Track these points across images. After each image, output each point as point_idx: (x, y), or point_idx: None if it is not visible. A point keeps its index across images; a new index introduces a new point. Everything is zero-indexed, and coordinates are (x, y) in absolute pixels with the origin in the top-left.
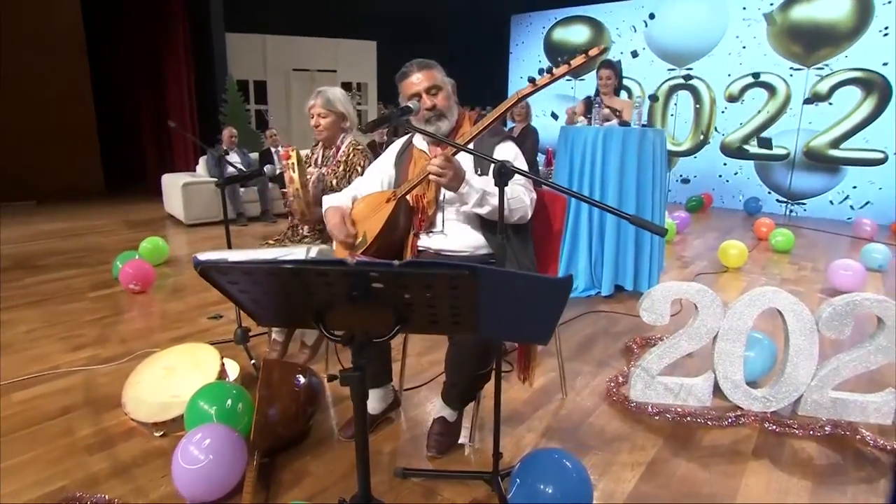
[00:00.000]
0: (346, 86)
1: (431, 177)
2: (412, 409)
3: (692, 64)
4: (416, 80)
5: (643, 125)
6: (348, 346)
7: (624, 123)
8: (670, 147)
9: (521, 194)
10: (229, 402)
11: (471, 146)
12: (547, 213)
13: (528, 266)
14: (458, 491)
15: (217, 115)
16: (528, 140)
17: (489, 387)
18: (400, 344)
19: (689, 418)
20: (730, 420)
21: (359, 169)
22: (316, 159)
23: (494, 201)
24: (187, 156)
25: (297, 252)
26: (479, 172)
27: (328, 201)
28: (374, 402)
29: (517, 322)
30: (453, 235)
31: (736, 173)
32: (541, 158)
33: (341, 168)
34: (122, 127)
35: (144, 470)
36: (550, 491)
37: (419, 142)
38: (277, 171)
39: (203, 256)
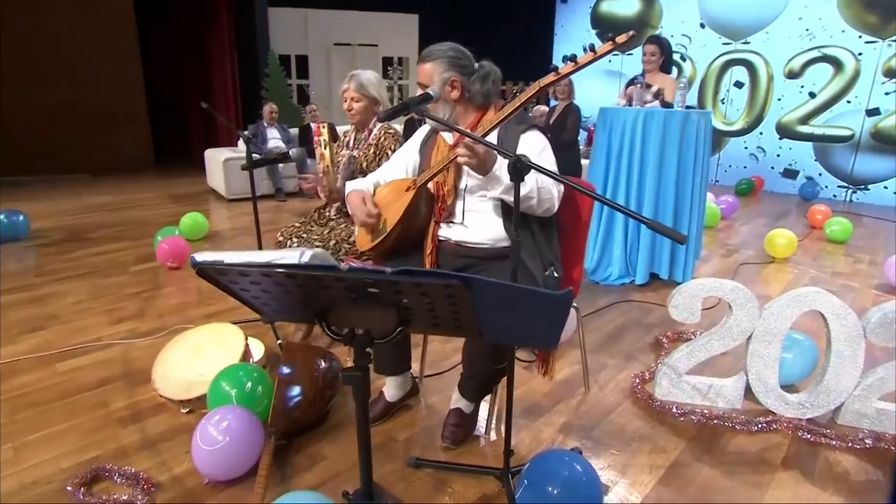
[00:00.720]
0: (388, 60)
1: (460, 159)
2: (431, 396)
3: (750, 37)
4: (418, 72)
5: (688, 107)
6: (350, 346)
7: (667, 105)
8: (720, 126)
9: (549, 185)
10: (249, 384)
11: (494, 134)
12: (576, 205)
13: (551, 261)
14: (468, 484)
15: (259, 90)
16: (569, 118)
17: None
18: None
19: (716, 421)
20: (760, 425)
21: (389, 152)
22: (348, 142)
23: (524, 190)
24: (230, 131)
25: (291, 255)
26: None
27: (350, 186)
28: (392, 389)
29: (521, 329)
30: (473, 227)
31: (794, 162)
32: (582, 137)
33: (371, 151)
34: (170, 102)
35: (170, 445)
36: (558, 493)
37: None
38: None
39: (200, 257)
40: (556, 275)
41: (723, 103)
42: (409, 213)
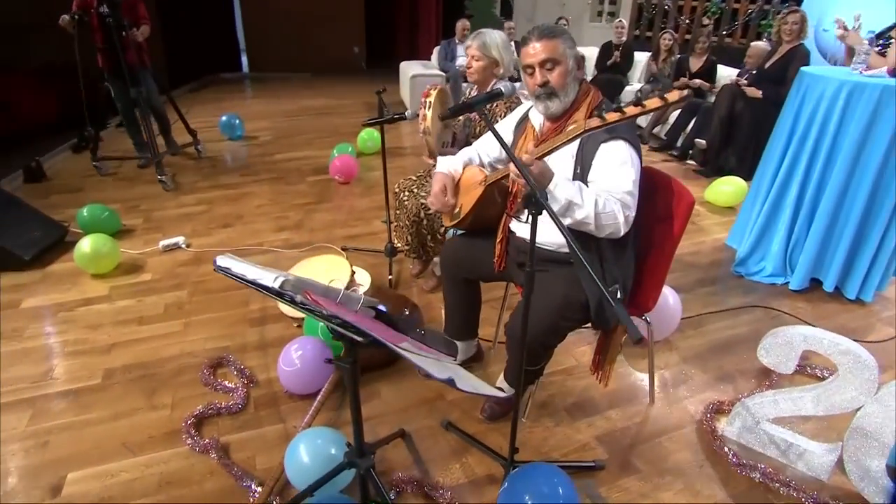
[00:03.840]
0: None
1: (512, 175)
2: (495, 364)
3: None
4: (533, 50)
5: None
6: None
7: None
8: None
9: (614, 210)
10: None
11: (576, 142)
12: (670, 221)
13: (618, 280)
14: (482, 461)
15: (463, 2)
16: (792, 66)
17: (554, 370)
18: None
19: (778, 485)
20: None
21: (498, 119)
22: None
23: (581, 215)
24: (430, 44)
25: (268, 277)
26: (578, 171)
27: (441, 163)
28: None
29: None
30: (540, 228)
31: None
32: None
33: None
34: (383, 8)
35: (276, 351)
36: None
37: (534, 114)
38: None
39: (220, 262)
40: (618, 295)
41: None
42: (480, 205)
